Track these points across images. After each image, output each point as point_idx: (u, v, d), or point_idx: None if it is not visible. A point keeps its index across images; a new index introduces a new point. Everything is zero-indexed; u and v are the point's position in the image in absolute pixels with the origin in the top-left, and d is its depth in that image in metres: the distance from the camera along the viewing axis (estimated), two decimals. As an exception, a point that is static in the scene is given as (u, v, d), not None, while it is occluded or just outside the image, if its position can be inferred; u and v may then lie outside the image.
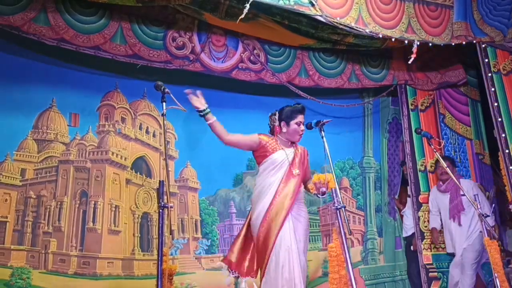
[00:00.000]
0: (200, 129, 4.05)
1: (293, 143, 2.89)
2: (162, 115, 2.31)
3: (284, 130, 2.86)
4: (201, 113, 2.68)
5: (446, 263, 4.31)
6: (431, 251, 4.34)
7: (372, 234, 4.80)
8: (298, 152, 2.86)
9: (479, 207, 3.10)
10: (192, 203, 4.06)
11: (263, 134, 2.88)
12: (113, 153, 3.73)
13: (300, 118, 2.83)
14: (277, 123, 2.89)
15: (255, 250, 2.71)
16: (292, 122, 2.83)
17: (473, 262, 3.90)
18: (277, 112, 2.91)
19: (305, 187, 2.90)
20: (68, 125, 3.62)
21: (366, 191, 4.91)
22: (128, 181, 3.79)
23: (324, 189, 2.65)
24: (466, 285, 3.86)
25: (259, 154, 2.83)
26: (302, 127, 2.82)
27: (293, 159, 2.81)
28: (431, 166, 4.58)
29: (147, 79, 3.83)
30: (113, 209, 3.65)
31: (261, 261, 2.64)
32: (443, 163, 3.36)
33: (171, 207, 2.16)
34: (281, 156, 2.78)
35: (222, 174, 4.14)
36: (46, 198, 3.44)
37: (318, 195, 2.78)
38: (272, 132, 2.96)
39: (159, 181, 2.14)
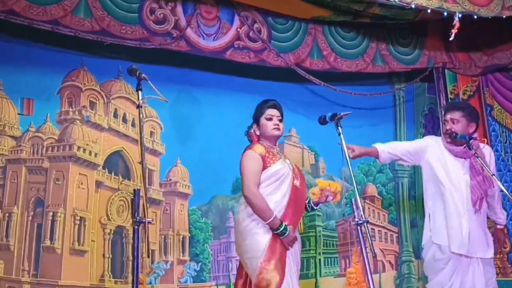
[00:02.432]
0: (193, 116, 4.14)
1: (276, 147, 2.92)
2: (138, 107, 2.29)
3: (257, 132, 2.91)
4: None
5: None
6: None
7: (408, 255, 4.76)
8: (289, 159, 2.92)
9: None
10: (180, 214, 4.03)
11: (253, 146, 2.85)
12: (79, 148, 3.67)
13: (270, 111, 2.88)
14: (252, 130, 2.94)
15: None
16: (262, 118, 2.88)
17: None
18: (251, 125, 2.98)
19: None
20: (19, 114, 3.57)
21: (399, 201, 4.88)
22: (98, 185, 3.75)
23: (330, 198, 2.77)
24: None
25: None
26: (276, 120, 2.85)
27: (293, 168, 2.86)
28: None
29: (121, 58, 3.84)
30: (78, 222, 3.59)
31: None
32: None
33: (150, 222, 2.14)
34: (284, 166, 2.79)
35: (219, 176, 4.11)
36: (-9, 209, 3.40)
37: (315, 207, 2.93)
38: (250, 141, 2.97)
39: (134, 190, 2.12)
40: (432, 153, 3.30)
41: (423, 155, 3.33)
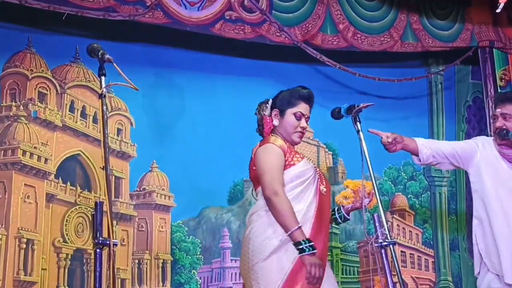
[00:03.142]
0: (174, 107, 4.18)
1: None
2: (101, 96, 2.26)
3: (275, 122, 2.87)
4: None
5: None
6: None
7: (445, 285, 4.81)
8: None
9: None
10: (159, 231, 4.06)
11: (275, 137, 2.83)
12: (24, 153, 3.66)
13: (302, 108, 2.83)
14: (267, 112, 2.90)
15: None
16: (289, 111, 2.84)
17: None
18: (270, 100, 2.94)
19: None
20: None
21: (435, 216, 4.91)
22: (50, 198, 3.74)
23: (367, 201, 2.69)
24: None
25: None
26: (304, 123, 2.83)
27: (319, 171, 2.84)
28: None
29: (79, 35, 3.86)
30: (24, 245, 3.58)
31: None
32: None
33: (115, 244, 2.13)
34: (311, 167, 2.79)
35: (210, 183, 4.12)
36: None
37: (347, 216, 2.87)
38: (260, 129, 2.95)
39: (95, 203, 2.09)
40: (482, 158, 3.26)
41: (474, 159, 3.27)
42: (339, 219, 2.89)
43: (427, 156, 3.18)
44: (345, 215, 2.88)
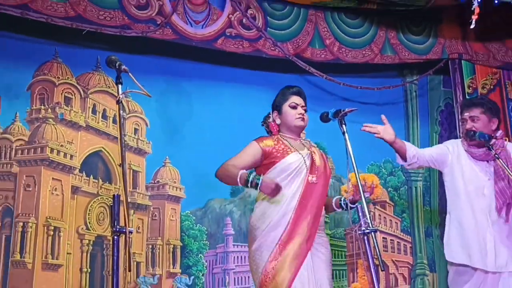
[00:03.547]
0: (183, 111, 4.17)
1: (300, 140, 2.90)
2: (118, 102, 2.29)
3: (278, 121, 2.89)
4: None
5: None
6: None
7: (421, 268, 4.76)
8: (315, 153, 2.85)
9: None
10: (170, 220, 4.03)
11: (264, 138, 2.86)
12: (52, 150, 3.65)
13: (295, 99, 2.86)
14: (271, 119, 2.93)
15: None
16: (285, 106, 2.85)
17: None
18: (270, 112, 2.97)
19: (326, 207, 2.87)
20: (-17, 114, 3.57)
21: (413, 207, 4.88)
22: (75, 190, 3.73)
23: (367, 194, 2.64)
24: None
25: (265, 164, 2.81)
26: (300, 110, 2.83)
27: (312, 162, 2.79)
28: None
29: (99, 48, 3.85)
30: (51, 232, 3.57)
31: None
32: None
33: (131, 232, 2.14)
34: (296, 160, 2.76)
35: (214, 177, 4.07)
36: (-46, 220, 3.40)
37: (352, 205, 2.74)
38: (269, 133, 2.97)
39: (113, 195, 2.11)
40: (453, 159, 3.27)
41: (447, 161, 3.29)
42: (344, 206, 2.79)
43: (413, 156, 3.18)
44: (349, 204, 2.74)
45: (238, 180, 2.61)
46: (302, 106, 2.85)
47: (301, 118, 2.83)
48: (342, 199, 2.82)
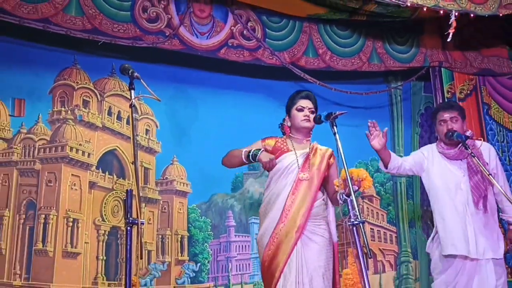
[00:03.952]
0: (189, 114, 4.16)
1: (308, 141, 2.89)
2: (131, 106, 2.26)
3: (289, 124, 2.91)
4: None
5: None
6: None
7: (406, 255, 4.75)
8: (315, 152, 2.84)
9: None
10: (178, 212, 4.01)
11: (267, 138, 2.91)
12: (71, 149, 3.65)
13: (302, 102, 2.86)
14: (285, 122, 2.95)
15: (261, 274, 2.75)
16: (293, 109, 2.86)
17: None
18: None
19: (332, 200, 2.85)
20: (10, 115, 3.55)
21: (397, 201, 4.87)
22: (92, 185, 3.73)
23: (355, 188, 2.62)
24: None
25: None
26: (307, 111, 2.83)
27: (305, 160, 2.79)
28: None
29: (114, 57, 3.86)
30: (70, 224, 3.57)
31: None
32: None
33: (142, 223, 2.12)
34: (290, 159, 2.79)
35: (218, 174, 4.04)
36: (-18, 212, 3.39)
37: (342, 197, 2.67)
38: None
39: (126, 190, 2.10)
40: (428, 164, 3.25)
41: (423, 166, 3.27)
42: (340, 201, 2.68)
43: (393, 167, 3.16)
44: (345, 197, 2.64)
45: (242, 154, 2.71)
46: (309, 109, 2.84)
47: (306, 119, 2.82)
48: (338, 194, 2.76)
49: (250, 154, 2.68)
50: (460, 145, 3.07)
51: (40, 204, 3.52)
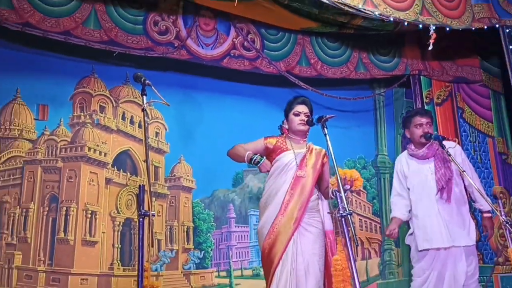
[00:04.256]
0: (195, 118, 4.14)
1: (304, 141, 2.89)
2: (143, 110, 2.30)
3: (286, 126, 2.92)
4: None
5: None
6: None
7: (389, 244, 4.75)
8: (311, 152, 2.84)
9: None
10: (184, 206, 4.01)
11: (270, 137, 2.91)
12: (90, 149, 3.66)
13: (299, 108, 2.86)
14: (283, 125, 2.95)
15: (261, 261, 2.76)
16: (290, 114, 2.87)
17: (477, 276, 3.16)
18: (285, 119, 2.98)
19: (324, 194, 2.86)
20: (35, 119, 3.56)
21: (381, 195, 4.88)
22: (108, 181, 3.73)
23: (347, 186, 2.64)
24: None
25: (267, 158, 2.83)
26: (302, 116, 2.83)
27: (302, 159, 2.80)
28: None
29: (128, 66, 3.86)
30: (89, 215, 3.58)
31: (267, 277, 2.67)
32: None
33: (154, 215, 2.14)
34: (288, 158, 2.79)
35: (219, 171, 4.10)
36: (10, 205, 3.38)
37: (334, 193, 2.66)
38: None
39: (139, 186, 2.12)
40: (405, 169, 3.32)
41: (406, 179, 3.33)
42: (333, 196, 2.68)
43: (407, 215, 3.30)
44: (335, 192, 2.64)
45: (246, 157, 2.70)
46: (305, 113, 2.84)
47: (302, 123, 2.83)
48: (331, 190, 2.78)
49: (253, 159, 2.69)
50: (428, 144, 3.18)
51: (62, 198, 3.54)
